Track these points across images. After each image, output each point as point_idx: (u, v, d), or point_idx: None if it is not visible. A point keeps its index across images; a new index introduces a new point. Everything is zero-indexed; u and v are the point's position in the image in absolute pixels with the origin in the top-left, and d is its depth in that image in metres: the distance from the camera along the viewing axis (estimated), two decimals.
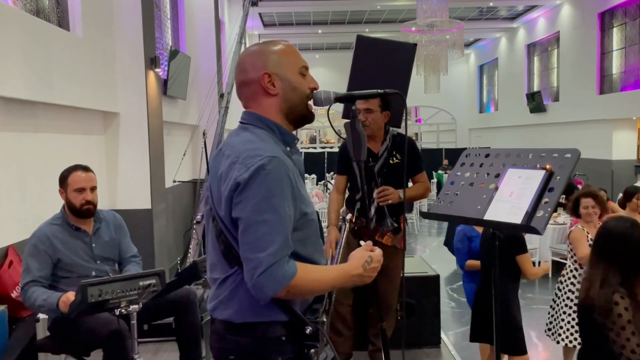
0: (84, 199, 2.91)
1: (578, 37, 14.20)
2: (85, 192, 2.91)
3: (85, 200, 2.91)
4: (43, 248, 2.82)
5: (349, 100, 1.81)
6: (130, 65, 5.48)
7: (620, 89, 12.67)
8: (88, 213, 2.94)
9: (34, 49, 3.98)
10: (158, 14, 7.27)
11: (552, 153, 1.96)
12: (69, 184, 2.91)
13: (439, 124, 21.22)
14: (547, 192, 1.85)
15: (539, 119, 16.28)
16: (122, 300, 2.51)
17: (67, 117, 4.74)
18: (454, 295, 6.47)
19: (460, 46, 13.37)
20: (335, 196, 3.45)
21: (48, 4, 4.65)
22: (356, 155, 1.82)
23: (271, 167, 1.43)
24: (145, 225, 5.51)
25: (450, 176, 2.19)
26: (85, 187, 2.91)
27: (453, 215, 2.11)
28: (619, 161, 12.49)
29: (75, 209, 2.91)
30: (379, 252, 1.61)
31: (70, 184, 2.91)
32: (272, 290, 1.40)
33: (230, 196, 1.45)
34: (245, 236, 1.43)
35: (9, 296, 3.53)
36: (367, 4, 14.73)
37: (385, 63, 3.70)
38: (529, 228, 1.82)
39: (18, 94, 3.77)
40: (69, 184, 2.91)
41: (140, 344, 2.70)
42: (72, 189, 2.90)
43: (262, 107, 1.59)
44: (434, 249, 9.31)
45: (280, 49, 1.60)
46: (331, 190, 3.55)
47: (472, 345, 3.67)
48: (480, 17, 17.25)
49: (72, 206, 2.91)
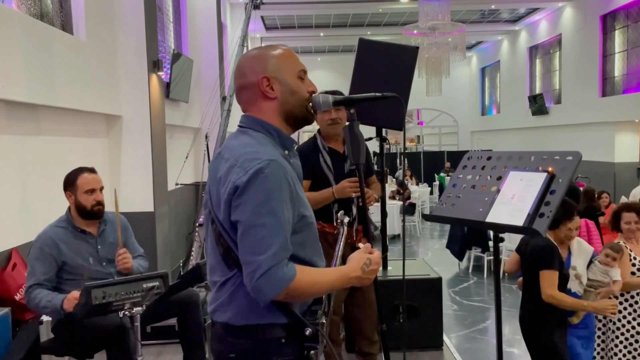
0: (95, 200, 2.93)
1: (580, 39, 14.20)
2: (96, 193, 2.95)
3: (97, 201, 2.94)
4: (48, 251, 2.83)
5: (348, 104, 1.81)
6: (133, 68, 5.50)
7: (622, 91, 12.66)
8: (99, 213, 2.96)
9: (37, 52, 4.01)
10: (161, 17, 7.30)
11: (554, 155, 1.97)
12: (78, 186, 2.92)
13: (441, 127, 21.23)
14: (548, 195, 1.86)
15: (541, 121, 16.27)
16: (126, 302, 2.51)
17: (70, 120, 4.76)
18: (456, 298, 6.46)
19: (462, 49, 13.36)
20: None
21: (52, 8, 4.67)
22: (355, 158, 1.83)
23: (269, 171, 1.44)
24: (148, 228, 5.53)
25: (452, 179, 2.19)
26: (95, 188, 2.94)
27: (455, 218, 2.11)
28: (621, 164, 12.48)
29: (87, 211, 2.92)
30: (377, 254, 1.62)
31: (80, 186, 2.92)
32: (272, 293, 1.41)
33: (229, 199, 1.46)
34: (244, 239, 1.44)
35: (13, 299, 3.54)
36: (369, 7, 14.75)
37: (387, 66, 3.71)
38: (530, 230, 1.82)
39: (21, 97, 3.79)
40: (78, 187, 2.92)
41: (143, 346, 2.70)
42: (82, 191, 2.92)
43: (261, 111, 1.60)
44: (436, 251, 9.30)
45: (279, 53, 1.62)
46: None
47: (474, 348, 3.67)
48: (482, 20, 17.26)
49: (83, 208, 2.92)
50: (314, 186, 3.13)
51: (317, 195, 3.01)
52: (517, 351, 4.81)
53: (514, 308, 6.09)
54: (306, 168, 3.22)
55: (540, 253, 2.98)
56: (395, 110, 3.37)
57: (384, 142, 3.84)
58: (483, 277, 7.38)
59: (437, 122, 21.41)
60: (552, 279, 2.93)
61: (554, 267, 2.94)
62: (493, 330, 3.49)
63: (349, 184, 2.97)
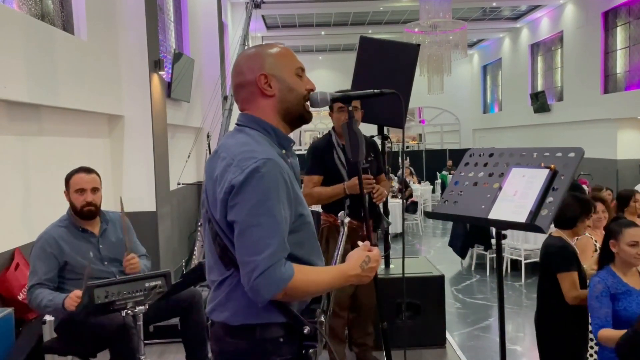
0: (84, 200, 2.93)
1: (582, 36, 14.17)
2: (86, 194, 2.93)
3: (86, 202, 2.93)
4: (50, 250, 2.84)
5: (346, 101, 1.81)
6: (135, 68, 5.51)
7: (624, 88, 12.63)
8: (89, 214, 2.96)
9: (38, 53, 4.01)
10: (162, 17, 7.30)
11: (556, 152, 1.97)
12: (71, 185, 2.95)
13: (443, 125, 21.20)
14: (551, 191, 1.86)
15: (543, 119, 16.24)
16: (129, 301, 2.52)
17: (72, 120, 4.77)
18: (459, 296, 6.46)
19: (463, 47, 13.34)
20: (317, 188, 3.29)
21: (53, 8, 4.68)
22: (354, 156, 1.83)
23: (266, 170, 1.42)
24: (151, 227, 5.53)
25: (454, 176, 2.19)
26: (86, 188, 2.93)
27: (458, 215, 2.11)
28: (624, 160, 12.44)
29: (77, 210, 2.94)
30: (376, 252, 1.61)
31: (72, 185, 2.94)
32: (270, 293, 1.40)
33: (225, 199, 1.45)
34: (242, 239, 1.43)
35: (16, 298, 3.55)
36: (370, 5, 14.74)
37: (388, 64, 3.71)
38: (533, 227, 1.82)
39: (23, 97, 3.80)
40: (71, 185, 2.95)
41: (146, 345, 2.70)
42: (73, 190, 2.94)
43: (259, 109, 1.59)
44: (439, 249, 9.30)
45: (277, 51, 1.61)
46: (307, 191, 3.25)
47: (477, 345, 3.67)
48: (483, 18, 17.22)
49: (74, 207, 2.95)
50: (327, 182, 3.25)
51: (330, 191, 3.16)
52: (520, 349, 4.80)
53: (517, 306, 6.10)
54: (320, 164, 3.31)
55: (555, 255, 2.86)
56: (396, 108, 3.38)
57: (386, 141, 3.85)
58: (486, 274, 7.37)
59: (439, 120, 21.38)
60: (574, 281, 2.80)
61: (572, 269, 2.81)
62: (496, 328, 3.48)
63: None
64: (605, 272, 2.61)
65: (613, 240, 2.61)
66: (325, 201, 3.25)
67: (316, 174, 3.30)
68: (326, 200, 3.23)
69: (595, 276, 2.63)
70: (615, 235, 2.61)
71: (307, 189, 3.27)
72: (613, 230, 2.63)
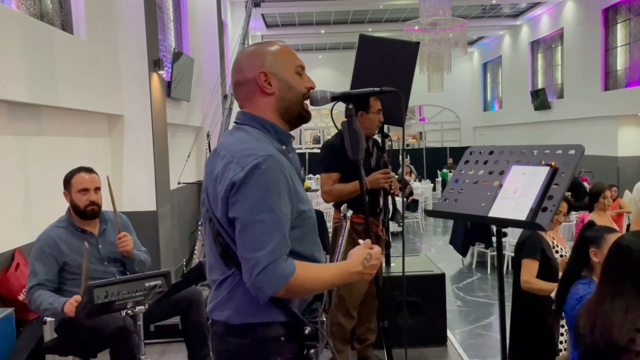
0: (88, 200, 2.93)
1: (582, 33, 14.15)
2: (89, 193, 2.93)
3: (90, 201, 2.93)
4: (49, 251, 2.84)
5: (346, 99, 1.81)
6: (134, 67, 5.50)
7: (625, 85, 12.61)
8: (92, 214, 2.95)
9: (37, 53, 4.00)
10: (161, 16, 7.29)
11: (556, 149, 1.96)
12: (72, 185, 2.94)
13: (443, 123, 21.20)
14: (551, 189, 1.85)
15: (544, 116, 16.22)
16: (129, 301, 2.51)
17: (72, 120, 4.76)
18: (460, 294, 6.45)
19: (463, 44, 13.33)
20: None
21: (52, 8, 4.67)
22: (354, 154, 1.82)
23: (266, 166, 1.42)
24: (151, 227, 5.53)
25: (454, 174, 2.18)
26: (89, 188, 2.93)
27: (458, 213, 2.11)
28: (624, 157, 12.43)
29: (80, 210, 2.93)
30: (378, 249, 1.61)
31: (74, 185, 2.93)
32: (271, 289, 1.40)
33: (226, 196, 1.44)
34: (243, 236, 1.42)
35: (16, 299, 3.55)
36: (369, 4, 14.72)
37: (388, 62, 3.70)
38: (533, 224, 1.81)
39: (22, 97, 3.79)
40: (72, 186, 2.94)
41: (147, 345, 2.71)
42: (75, 190, 2.93)
43: (258, 107, 1.59)
44: (440, 247, 9.29)
45: (277, 49, 1.60)
46: (327, 189, 3.31)
47: (478, 343, 3.67)
48: (483, 15, 17.21)
49: (77, 207, 2.93)
50: (345, 179, 3.29)
51: (351, 186, 3.22)
52: None
53: None
54: (336, 161, 3.31)
55: (524, 243, 3.02)
56: (396, 106, 3.38)
57: (386, 139, 3.86)
58: (487, 272, 7.37)
59: (439, 119, 21.37)
60: (531, 268, 2.96)
61: (535, 257, 2.96)
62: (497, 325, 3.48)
63: (381, 175, 3.24)
64: (588, 287, 2.23)
65: (594, 249, 2.28)
66: (346, 197, 3.24)
67: (334, 172, 3.32)
68: (348, 196, 3.23)
69: (578, 294, 2.23)
70: (596, 243, 2.28)
71: (327, 186, 3.31)
72: (592, 238, 2.31)
